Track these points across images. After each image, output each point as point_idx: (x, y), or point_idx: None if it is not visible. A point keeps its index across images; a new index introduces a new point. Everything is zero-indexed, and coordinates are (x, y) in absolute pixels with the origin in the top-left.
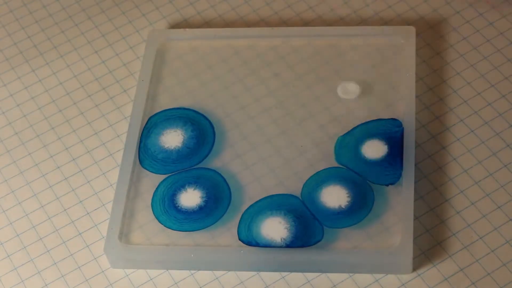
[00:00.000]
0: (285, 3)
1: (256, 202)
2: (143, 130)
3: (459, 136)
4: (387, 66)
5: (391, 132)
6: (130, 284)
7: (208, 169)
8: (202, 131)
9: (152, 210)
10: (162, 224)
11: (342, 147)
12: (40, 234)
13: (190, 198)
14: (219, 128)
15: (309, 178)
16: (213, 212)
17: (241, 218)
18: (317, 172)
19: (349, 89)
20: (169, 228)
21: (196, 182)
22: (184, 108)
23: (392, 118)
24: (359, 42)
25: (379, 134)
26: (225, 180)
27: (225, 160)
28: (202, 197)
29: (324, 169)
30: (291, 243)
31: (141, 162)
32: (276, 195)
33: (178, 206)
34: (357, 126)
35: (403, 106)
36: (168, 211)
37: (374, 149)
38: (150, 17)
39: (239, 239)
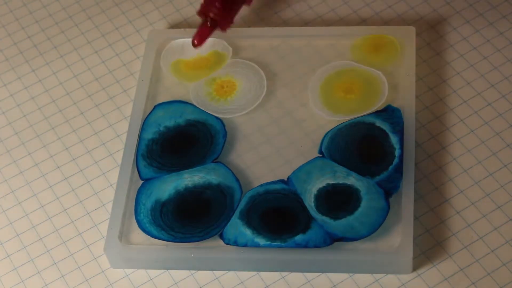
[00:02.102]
0: (285, 3)
1: (253, 197)
2: (141, 130)
3: (459, 136)
4: (387, 66)
5: (390, 127)
6: (130, 284)
7: (216, 168)
8: (204, 130)
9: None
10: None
11: (332, 142)
12: (40, 234)
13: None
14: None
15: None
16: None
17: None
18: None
19: None
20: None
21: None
22: (185, 102)
23: (389, 106)
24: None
25: (377, 132)
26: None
27: (228, 160)
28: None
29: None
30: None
31: (139, 172)
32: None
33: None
34: (351, 121)
35: (403, 106)
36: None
37: (372, 149)
38: (150, 17)
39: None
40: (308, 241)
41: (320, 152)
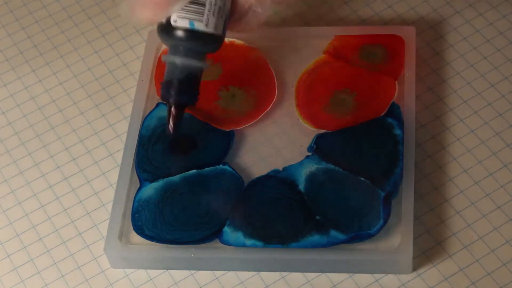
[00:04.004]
0: (285, 3)
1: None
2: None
3: (459, 136)
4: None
5: (389, 131)
6: (130, 284)
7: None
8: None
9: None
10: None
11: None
12: (40, 234)
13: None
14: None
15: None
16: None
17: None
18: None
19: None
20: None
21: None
22: None
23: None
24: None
25: (376, 136)
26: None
27: (231, 160)
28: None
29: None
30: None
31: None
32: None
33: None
34: (350, 127)
35: (403, 106)
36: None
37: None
38: None
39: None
40: (313, 243)
41: (311, 149)
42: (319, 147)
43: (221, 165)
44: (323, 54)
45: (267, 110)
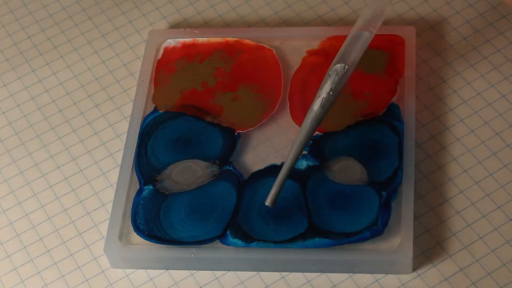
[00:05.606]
0: (285, 3)
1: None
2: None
3: (459, 136)
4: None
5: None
6: (130, 284)
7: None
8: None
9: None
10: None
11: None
12: (40, 234)
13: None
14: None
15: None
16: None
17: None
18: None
19: None
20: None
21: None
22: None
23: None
24: None
25: (376, 137)
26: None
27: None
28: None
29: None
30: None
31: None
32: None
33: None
34: (351, 125)
35: (403, 106)
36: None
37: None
38: (150, 17)
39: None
40: (316, 243)
41: (306, 147)
42: (315, 145)
43: (226, 166)
44: (306, 53)
45: (273, 112)
